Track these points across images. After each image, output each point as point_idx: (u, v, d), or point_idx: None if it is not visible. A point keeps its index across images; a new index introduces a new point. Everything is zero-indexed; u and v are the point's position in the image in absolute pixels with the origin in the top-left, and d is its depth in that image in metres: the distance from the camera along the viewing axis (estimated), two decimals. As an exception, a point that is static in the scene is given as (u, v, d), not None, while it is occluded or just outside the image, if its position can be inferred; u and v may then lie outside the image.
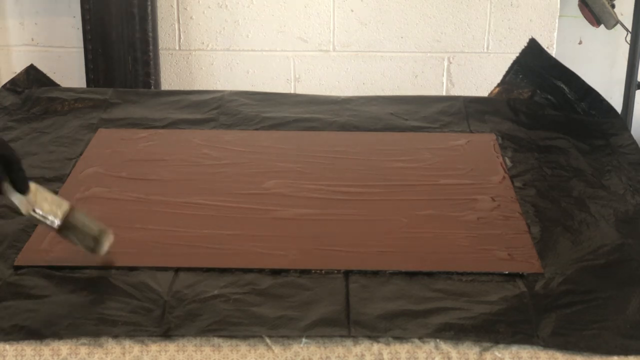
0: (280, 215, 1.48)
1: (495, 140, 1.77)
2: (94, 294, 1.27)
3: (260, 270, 1.32)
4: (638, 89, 2.70)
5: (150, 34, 2.61)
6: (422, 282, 1.30)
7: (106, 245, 1.32)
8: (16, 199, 1.27)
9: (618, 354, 1.17)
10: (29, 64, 2.07)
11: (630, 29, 2.65)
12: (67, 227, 1.31)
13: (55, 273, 1.31)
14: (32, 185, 1.29)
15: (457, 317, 1.22)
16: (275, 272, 1.32)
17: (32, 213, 1.29)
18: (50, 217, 1.30)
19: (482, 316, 1.22)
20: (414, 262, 1.35)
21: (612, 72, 2.92)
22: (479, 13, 2.77)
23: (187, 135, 1.79)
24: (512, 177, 1.62)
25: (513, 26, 2.77)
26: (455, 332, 1.19)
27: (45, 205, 1.30)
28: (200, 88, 2.74)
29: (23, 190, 1.27)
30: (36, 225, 1.42)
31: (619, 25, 2.66)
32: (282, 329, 1.19)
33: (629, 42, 2.67)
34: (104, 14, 2.58)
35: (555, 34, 2.78)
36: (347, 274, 1.32)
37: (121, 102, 1.94)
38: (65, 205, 1.32)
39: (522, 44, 2.05)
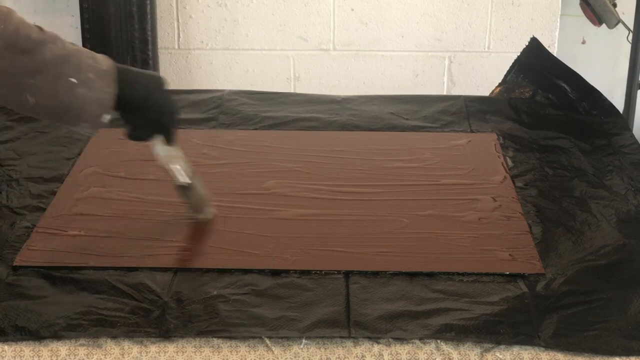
0: (280, 216, 1.47)
1: (497, 140, 1.76)
2: (92, 294, 1.26)
3: (260, 271, 1.32)
4: None
5: (149, 33, 2.60)
6: (423, 282, 1.30)
7: (210, 212, 1.44)
8: (162, 149, 1.38)
9: (620, 355, 1.17)
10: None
11: (632, 28, 2.65)
12: (189, 187, 1.42)
13: (54, 273, 1.30)
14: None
15: (458, 318, 1.21)
16: (275, 273, 1.31)
17: (170, 166, 1.40)
18: (183, 174, 1.41)
19: (483, 317, 1.22)
20: (415, 263, 1.34)
21: (614, 71, 2.91)
22: (480, 12, 2.76)
23: (186, 134, 1.77)
24: (513, 177, 1.61)
25: (514, 25, 2.76)
26: (456, 333, 1.19)
27: (181, 163, 1.41)
28: (200, 87, 2.73)
29: (172, 142, 1.39)
30: (35, 226, 1.42)
31: (620, 25, 2.66)
32: (282, 330, 1.19)
33: (630, 41, 2.66)
34: (103, 13, 2.57)
35: (557, 33, 2.77)
36: (348, 274, 1.31)
37: (120, 102, 1.92)
38: (191, 168, 1.43)
39: (524, 43, 2.04)
